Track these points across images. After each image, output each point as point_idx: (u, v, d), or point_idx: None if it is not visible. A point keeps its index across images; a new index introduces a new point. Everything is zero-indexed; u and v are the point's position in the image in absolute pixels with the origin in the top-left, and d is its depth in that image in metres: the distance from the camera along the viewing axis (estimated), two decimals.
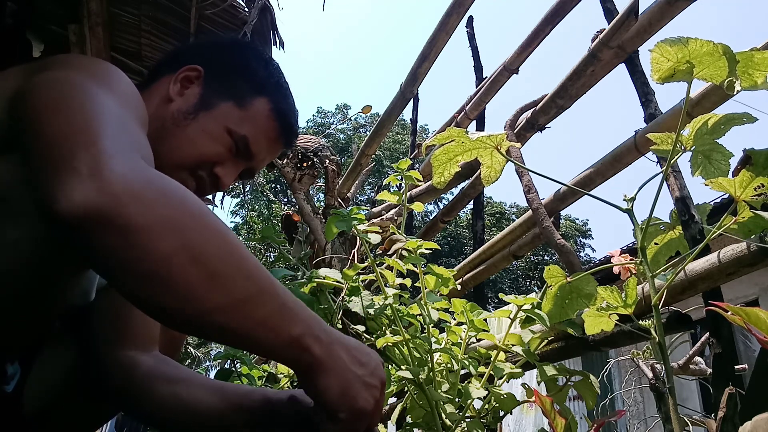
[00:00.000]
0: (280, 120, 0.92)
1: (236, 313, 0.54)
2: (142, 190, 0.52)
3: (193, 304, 0.52)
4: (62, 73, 0.66)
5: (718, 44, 0.69)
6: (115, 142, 0.56)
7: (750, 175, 0.71)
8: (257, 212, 17.32)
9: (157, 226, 0.51)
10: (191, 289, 0.51)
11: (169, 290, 0.51)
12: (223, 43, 1.02)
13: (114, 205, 0.49)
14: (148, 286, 0.51)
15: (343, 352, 0.61)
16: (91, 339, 0.85)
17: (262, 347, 0.57)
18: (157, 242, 0.50)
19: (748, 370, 1.87)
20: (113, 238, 0.49)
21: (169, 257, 0.51)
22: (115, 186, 0.50)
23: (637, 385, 4.82)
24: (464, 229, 19.70)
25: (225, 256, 0.54)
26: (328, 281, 1.23)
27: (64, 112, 0.59)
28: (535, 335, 1.18)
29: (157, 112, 0.83)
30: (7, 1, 2.18)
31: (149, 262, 0.50)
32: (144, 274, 0.50)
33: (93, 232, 0.49)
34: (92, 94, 0.62)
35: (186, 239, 0.52)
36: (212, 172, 0.87)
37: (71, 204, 0.49)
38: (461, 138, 0.86)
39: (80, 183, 0.50)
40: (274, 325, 0.56)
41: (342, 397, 0.60)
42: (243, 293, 0.54)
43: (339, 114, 24.85)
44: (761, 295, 5.39)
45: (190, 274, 0.51)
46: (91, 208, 0.49)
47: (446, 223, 2.86)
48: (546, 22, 2.07)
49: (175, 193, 0.55)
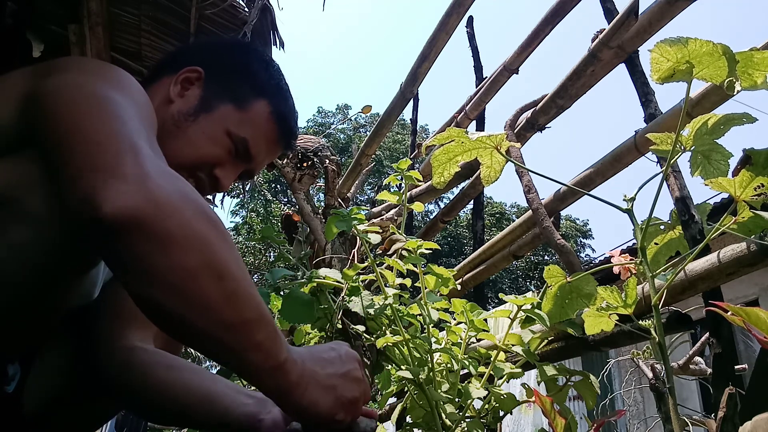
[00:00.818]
0: (280, 122, 0.92)
1: (241, 333, 0.56)
2: (182, 203, 0.54)
3: (207, 318, 0.54)
4: (80, 78, 0.66)
5: (717, 44, 0.69)
6: (151, 151, 0.58)
7: (750, 175, 0.71)
8: (255, 212, 17.31)
9: (192, 240, 0.53)
10: (209, 304, 0.53)
11: (189, 303, 0.53)
12: (223, 44, 1.02)
13: (157, 213, 0.51)
14: (171, 295, 0.53)
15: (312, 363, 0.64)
16: (90, 332, 0.85)
17: (250, 368, 0.59)
18: (189, 256, 0.52)
19: (748, 370, 1.87)
20: (150, 246, 0.51)
21: (198, 271, 0.52)
22: (159, 195, 0.52)
23: (637, 385, 4.83)
24: (464, 229, 19.70)
25: (241, 278, 0.56)
26: (328, 281, 1.23)
27: (98, 118, 0.60)
28: (535, 335, 1.18)
29: (157, 112, 0.83)
30: (7, 1, 2.18)
31: (178, 274, 0.52)
32: (170, 284, 0.52)
33: (131, 237, 0.51)
34: (115, 100, 0.63)
35: (214, 257, 0.54)
36: (211, 174, 0.87)
37: (116, 207, 0.50)
38: (461, 138, 0.86)
39: (127, 188, 0.52)
40: (268, 348, 0.58)
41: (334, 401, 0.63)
42: (250, 314, 0.56)
43: (339, 114, 24.85)
44: (761, 295, 5.39)
45: (212, 290, 0.53)
46: (134, 214, 0.51)
47: (446, 223, 2.86)
48: (546, 22, 2.07)
49: (203, 208, 0.57)
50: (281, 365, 0.59)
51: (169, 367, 0.82)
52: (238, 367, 0.59)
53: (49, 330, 0.85)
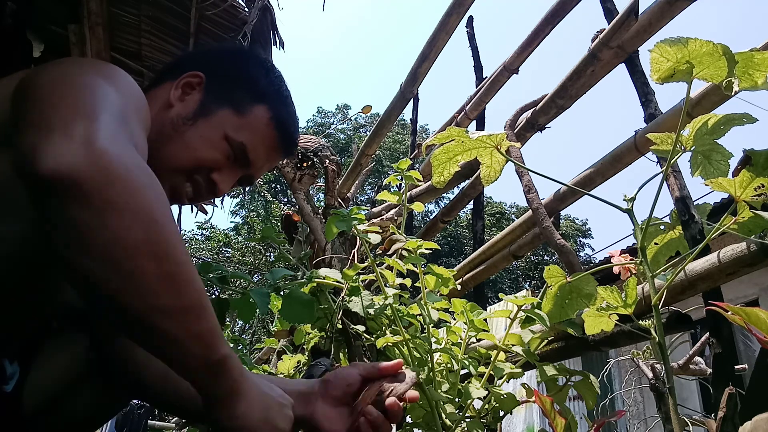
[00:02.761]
0: (279, 128, 0.92)
1: (180, 320, 0.53)
2: (127, 175, 0.51)
3: (142, 299, 0.51)
4: (71, 68, 0.66)
5: (717, 44, 0.69)
6: (112, 124, 0.55)
7: (750, 175, 0.71)
8: (255, 213, 17.32)
9: (136, 213, 0.50)
10: (145, 283, 0.51)
11: (124, 281, 0.50)
12: (226, 50, 1.03)
13: (99, 178, 0.48)
14: (104, 270, 0.50)
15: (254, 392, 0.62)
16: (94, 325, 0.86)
17: (190, 362, 0.56)
18: (130, 230, 0.49)
19: (748, 370, 1.87)
20: (87, 212, 0.48)
21: (137, 248, 0.50)
22: (104, 160, 0.49)
23: (637, 385, 4.83)
24: (464, 229, 19.70)
25: (182, 261, 0.54)
26: (328, 281, 1.23)
27: (69, 87, 0.58)
28: (535, 335, 1.18)
29: (157, 116, 0.83)
30: (7, 1, 2.18)
31: (115, 247, 0.49)
32: (105, 258, 0.49)
33: (68, 199, 0.48)
34: (98, 82, 0.62)
35: (155, 235, 0.51)
36: (209, 178, 0.87)
37: (55, 163, 0.48)
38: (461, 137, 0.86)
39: (71, 146, 0.49)
40: (209, 341, 0.56)
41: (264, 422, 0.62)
42: (190, 301, 0.54)
43: (339, 114, 24.85)
44: (761, 295, 5.39)
45: (149, 269, 0.50)
46: (73, 173, 0.48)
47: (446, 223, 2.86)
48: (546, 22, 2.07)
49: (156, 188, 0.54)
50: (222, 360, 0.57)
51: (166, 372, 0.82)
52: (175, 361, 0.57)
53: (46, 326, 0.85)
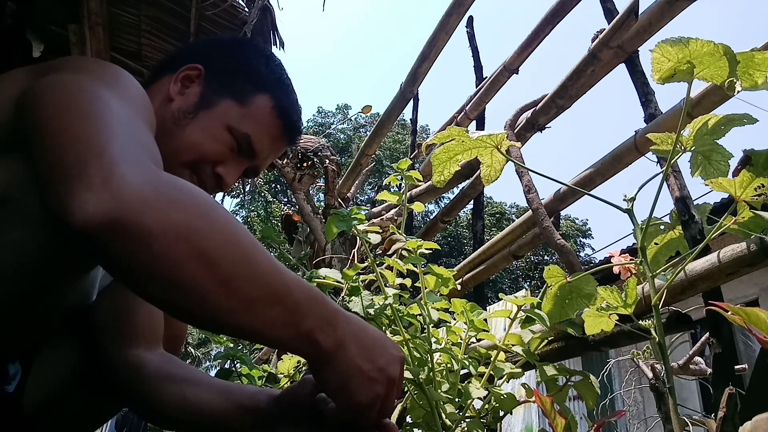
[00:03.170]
0: (283, 117, 0.90)
1: (248, 314, 0.55)
2: (155, 197, 0.52)
3: (208, 306, 0.53)
4: (70, 76, 0.66)
5: (718, 44, 0.69)
6: (125, 148, 0.56)
7: (750, 175, 0.71)
8: (255, 213, 17.32)
9: (171, 232, 0.51)
10: (205, 293, 0.52)
11: (186, 294, 0.52)
12: (223, 41, 1.01)
13: (128, 213, 0.50)
14: (166, 290, 0.52)
15: (353, 345, 0.62)
16: (96, 339, 0.85)
17: (275, 342, 0.59)
18: (171, 248, 0.51)
19: (748, 370, 1.87)
20: (129, 245, 0.50)
21: (184, 263, 0.51)
22: (127, 194, 0.51)
23: (637, 385, 4.83)
24: (464, 229, 19.70)
25: (237, 260, 0.54)
26: (328, 281, 1.23)
27: (73, 117, 0.59)
28: (535, 335, 1.18)
29: (158, 112, 0.82)
30: (7, 1, 2.18)
31: (165, 268, 0.51)
32: (161, 279, 0.51)
33: (109, 240, 0.50)
34: (100, 99, 0.62)
35: (199, 244, 0.52)
36: (214, 172, 0.86)
37: (85, 215, 0.50)
38: (461, 137, 0.86)
39: (93, 193, 0.51)
40: (285, 322, 0.57)
41: (340, 390, 0.61)
42: (253, 295, 0.55)
43: (339, 114, 24.85)
44: (761, 295, 5.39)
45: (203, 279, 0.52)
46: (105, 219, 0.49)
47: (446, 223, 2.86)
48: (546, 22, 2.07)
49: (187, 196, 0.55)
50: (306, 334, 0.58)
51: (176, 380, 0.82)
52: (266, 342, 0.60)
53: (50, 329, 0.85)
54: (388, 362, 0.64)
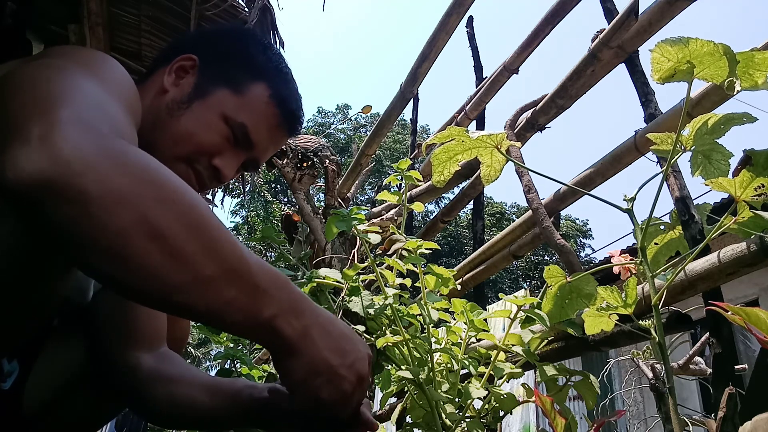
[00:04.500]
0: (281, 106, 0.88)
1: (200, 294, 0.50)
2: (99, 159, 0.48)
3: (155, 283, 0.49)
4: (50, 60, 0.63)
5: (718, 44, 0.69)
6: (78, 113, 0.52)
7: (750, 175, 0.71)
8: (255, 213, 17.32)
9: (113, 196, 0.47)
10: (150, 266, 0.48)
11: (128, 267, 0.48)
12: (219, 30, 0.98)
13: (65, 173, 0.46)
14: (108, 262, 0.47)
15: (320, 337, 0.58)
16: (97, 340, 0.84)
17: (232, 327, 0.54)
18: (113, 215, 0.46)
19: (748, 370, 1.87)
20: (66, 210, 0.46)
21: (126, 231, 0.47)
22: (66, 153, 0.46)
23: (637, 385, 4.82)
24: (464, 229, 19.70)
25: (189, 232, 0.50)
26: (328, 281, 1.23)
27: (30, 87, 0.55)
28: (535, 335, 1.18)
29: (152, 104, 0.81)
30: (7, 1, 2.18)
31: (106, 238, 0.46)
32: (102, 249, 0.47)
33: (45, 202, 0.46)
34: (72, 76, 0.59)
35: (146, 213, 0.48)
36: (211, 164, 0.83)
37: (18, 172, 0.46)
38: (461, 137, 0.86)
39: (28, 149, 0.47)
40: (242, 306, 0.53)
41: (303, 384, 0.58)
42: (206, 272, 0.50)
43: (339, 114, 24.86)
44: (761, 295, 5.39)
45: (148, 251, 0.48)
46: (39, 177, 0.45)
47: (446, 223, 2.86)
48: (546, 22, 2.07)
49: (137, 163, 0.50)
50: (267, 321, 0.54)
51: (166, 381, 0.82)
52: (221, 327, 0.55)
53: (46, 326, 0.84)
54: (357, 359, 0.61)
